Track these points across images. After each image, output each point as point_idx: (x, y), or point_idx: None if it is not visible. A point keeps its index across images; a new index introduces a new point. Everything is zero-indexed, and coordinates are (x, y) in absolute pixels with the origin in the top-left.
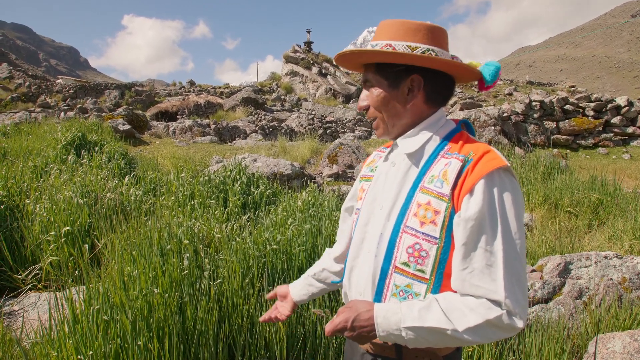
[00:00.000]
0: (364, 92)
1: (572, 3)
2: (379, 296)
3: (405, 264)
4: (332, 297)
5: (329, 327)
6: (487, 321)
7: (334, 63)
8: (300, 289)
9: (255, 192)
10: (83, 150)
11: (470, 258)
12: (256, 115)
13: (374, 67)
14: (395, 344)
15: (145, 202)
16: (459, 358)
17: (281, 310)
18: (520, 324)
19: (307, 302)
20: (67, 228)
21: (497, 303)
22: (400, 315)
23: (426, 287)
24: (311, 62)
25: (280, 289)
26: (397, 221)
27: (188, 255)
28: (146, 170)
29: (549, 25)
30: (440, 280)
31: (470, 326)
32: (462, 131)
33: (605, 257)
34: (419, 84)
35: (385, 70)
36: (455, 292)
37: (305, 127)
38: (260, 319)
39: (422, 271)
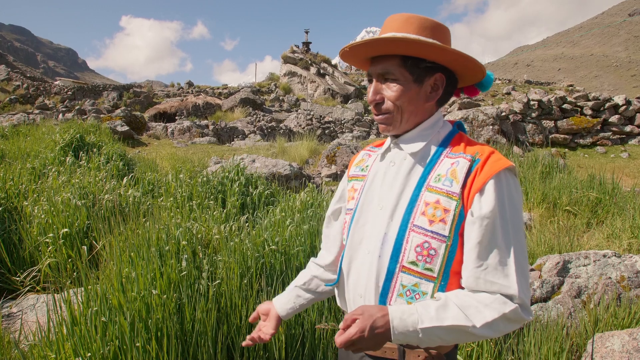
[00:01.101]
0: (377, 85)
1: (571, 1)
2: (384, 297)
3: (413, 263)
4: (330, 298)
5: (341, 339)
6: (503, 315)
7: (331, 62)
8: (286, 302)
9: (254, 192)
10: (81, 152)
11: (485, 255)
12: (255, 116)
13: (400, 60)
14: (399, 345)
15: (144, 203)
16: (455, 354)
17: (264, 329)
18: (530, 316)
19: (292, 315)
20: (66, 230)
21: (510, 297)
22: (417, 316)
23: (433, 286)
24: (309, 62)
25: (262, 307)
26: (403, 220)
27: (186, 256)
28: (144, 171)
29: (548, 24)
30: (447, 278)
31: (488, 321)
32: (460, 132)
33: (604, 256)
34: (442, 82)
35: (412, 64)
36: (463, 289)
37: (303, 128)
38: (243, 344)
39: (431, 270)
